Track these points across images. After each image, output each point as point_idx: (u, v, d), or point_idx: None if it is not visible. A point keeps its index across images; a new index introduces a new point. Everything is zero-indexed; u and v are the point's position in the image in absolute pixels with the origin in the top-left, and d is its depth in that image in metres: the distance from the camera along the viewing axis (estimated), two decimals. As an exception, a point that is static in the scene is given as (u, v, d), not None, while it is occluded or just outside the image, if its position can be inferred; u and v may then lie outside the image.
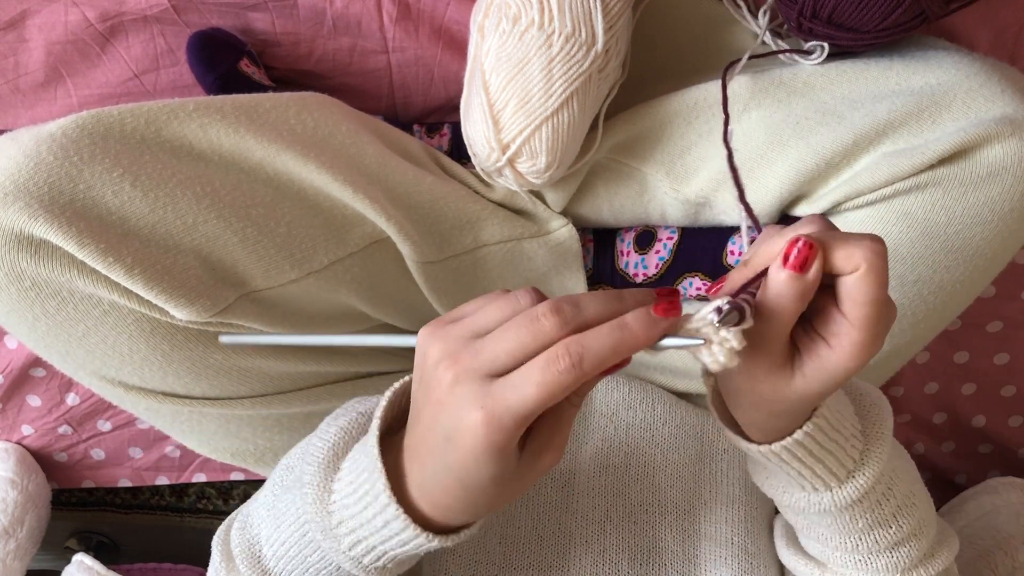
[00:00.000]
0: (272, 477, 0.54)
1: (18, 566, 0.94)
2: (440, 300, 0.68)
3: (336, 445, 0.49)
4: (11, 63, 0.75)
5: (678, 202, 0.69)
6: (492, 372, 0.39)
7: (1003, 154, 0.58)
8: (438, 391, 0.40)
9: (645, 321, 0.39)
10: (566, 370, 0.37)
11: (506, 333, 0.39)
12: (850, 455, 0.48)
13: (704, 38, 0.73)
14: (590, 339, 0.38)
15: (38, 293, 0.54)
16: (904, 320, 0.64)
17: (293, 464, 0.53)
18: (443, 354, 0.40)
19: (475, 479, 0.40)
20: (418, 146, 0.69)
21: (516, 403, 0.38)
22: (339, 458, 0.48)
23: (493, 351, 0.39)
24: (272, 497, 0.51)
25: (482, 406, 0.38)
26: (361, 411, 0.52)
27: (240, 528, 0.52)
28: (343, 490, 0.46)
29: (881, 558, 0.51)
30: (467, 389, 0.39)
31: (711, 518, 0.60)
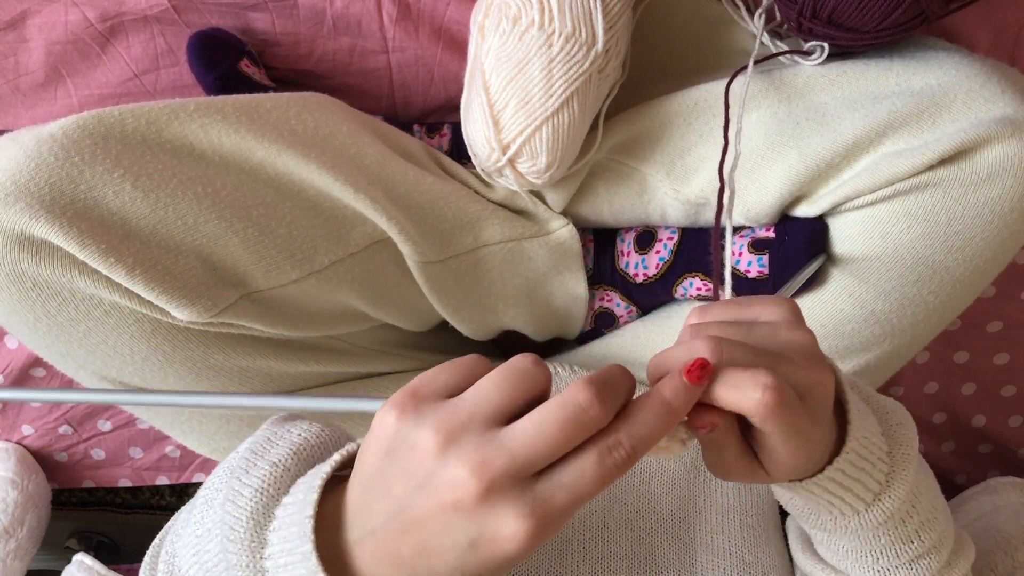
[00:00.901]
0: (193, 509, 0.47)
1: (18, 566, 0.94)
2: (440, 300, 0.68)
3: (255, 513, 0.42)
4: (11, 63, 0.75)
5: (678, 202, 0.69)
6: (533, 472, 0.35)
7: (1003, 155, 0.58)
8: (454, 495, 0.34)
9: (684, 396, 0.37)
10: (623, 462, 0.35)
11: (547, 427, 0.35)
12: (876, 480, 0.47)
13: (704, 38, 0.73)
14: (639, 427, 0.36)
15: (39, 294, 0.54)
16: (904, 321, 0.64)
17: (212, 498, 0.45)
18: (459, 453, 0.34)
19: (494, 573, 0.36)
20: (418, 146, 0.69)
21: (571, 504, 0.34)
22: (262, 527, 0.41)
23: (534, 449, 0.34)
24: (196, 541, 0.45)
25: (531, 514, 0.34)
26: (274, 461, 0.44)
27: (167, 572, 0.47)
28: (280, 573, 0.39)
29: (901, 571, 0.51)
30: (507, 497, 0.34)
31: (706, 527, 0.60)
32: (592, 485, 0.35)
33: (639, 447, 0.35)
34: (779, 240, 0.66)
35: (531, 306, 0.73)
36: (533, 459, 0.35)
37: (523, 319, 0.74)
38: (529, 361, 0.37)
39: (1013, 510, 0.87)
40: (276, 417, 0.49)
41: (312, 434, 0.46)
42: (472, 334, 0.75)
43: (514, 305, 0.73)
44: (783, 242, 0.66)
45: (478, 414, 0.35)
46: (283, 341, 0.64)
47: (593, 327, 0.78)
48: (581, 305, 0.74)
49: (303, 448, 0.45)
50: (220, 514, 0.43)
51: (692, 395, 0.38)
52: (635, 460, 0.35)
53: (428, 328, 0.76)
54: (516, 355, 0.37)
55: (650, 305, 0.76)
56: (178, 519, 0.50)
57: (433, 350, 0.79)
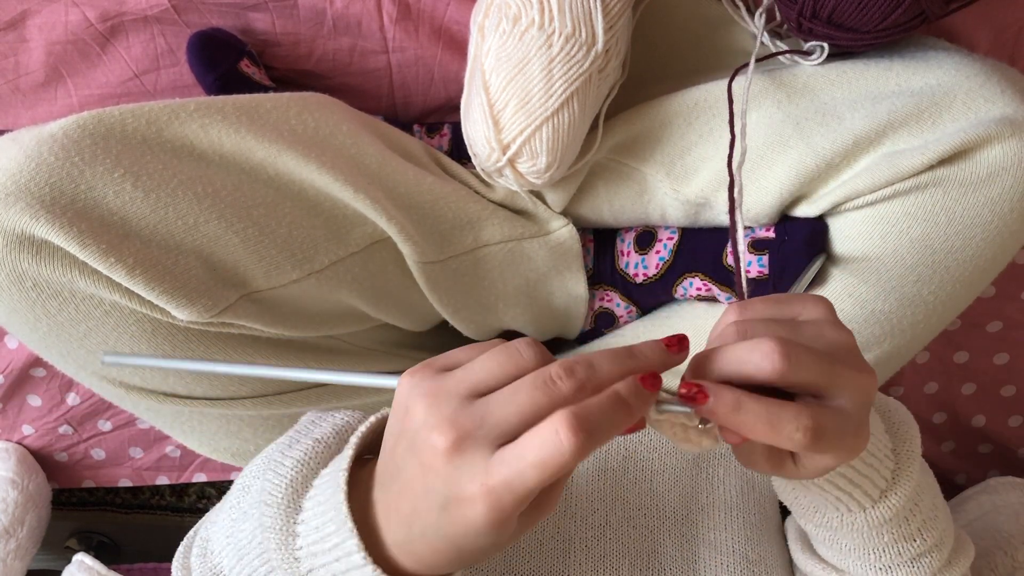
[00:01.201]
0: (228, 498, 0.49)
1: (18, 566, 0.94)
2: (441, 300, 0.68)
3: (294, 481, 0.44)
4: (11, 63, 0.75)
5: (678, 202, 0.69)
6: (499, 439, 0.36)
7: (1003, 154, 0.58)
8: (430, 455, 0.36)
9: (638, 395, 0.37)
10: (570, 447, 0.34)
11: (517, 396, 0.36)
12: (883, 476, 0.47)
13: (704, 38, 0.73)
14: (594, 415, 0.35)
15: (39, 294, 0.54)
16: (904, 321, 0.64)
17: (249, 484, 0.48)
18: (438, 415, 0.36)
19: (472, 545, 0.37)
20: (418, 146, 0.69)
21: (515, 482, 0.35)
22: (299, 495, 0.44)
23: (503, 416, 0.36)
24: (231, 523, 0.47)
25: (483, 482, 0.35)
26: (317, 437, 0.47)
27: (200, 555, 0.49)
28: (309, 536, 0.42)
29: (903, 569, 0.51)
30: (469, 459, 0.35)
31: (709, 524, 0.60)
32: (531, 468, 0.34)
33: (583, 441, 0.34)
34: (779, 240, 0.66)
35: (531, 306, 0.73)
36: (501, 425, 0.35)
37: (523, 319, 0.74)
38: (524, 343, 0.38)
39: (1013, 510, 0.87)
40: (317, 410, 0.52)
41: (354, 418, 0.49)
42: (472, 334, 0.75)
43: (514, 305, 0.73)
44: (783, 242, 0.66)
45: (462, 384, 0.37)
46: (283, 341, 0.64)
47: (593, 327, 0.78)
48: (581, 305, 0.74)
49: (345, 429, 0.48)
50: (260, 485, 0.46)
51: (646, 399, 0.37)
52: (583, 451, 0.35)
53: (428, 328, 0.76)
54: (519, 340, 0.38)
55: (650, 305, 0.76)
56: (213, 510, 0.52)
57: (433, 350, 0.78)
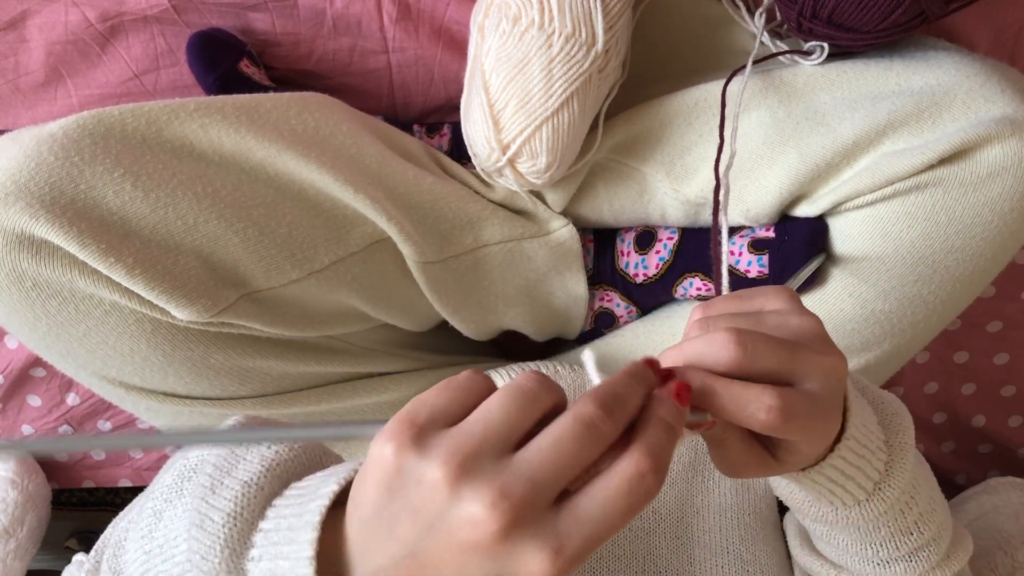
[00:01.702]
0: (138, 523, 0.44)
1: (18, 566, 0.94)
2: (440, 300, 0.68)
3: (230, 540, 0.38)
4: (11, 63, 0.75)
5: (678, 202, 0.69)
6: (553, 499, 0.32)
7: (1003, 154, 0.58)
8: (472, 533, 0.31)
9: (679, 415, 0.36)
10: (655, 486, 0.32)
11: (563, 446, 0.32)
12: (876, 468, 0.47)
13: (704, 38, 0.73)
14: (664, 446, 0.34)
15: (39, 293, 0.54)
16: (904, 320, 0.64)
17: (162, 511, 0.43)
18: (473, 487, 0.31)
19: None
20: (418, 146, 0.69)
21: (599, 535, 0.32)
22: (239, 556, 0.38)
23: (555, 473, 0.32)
24: (145, 557, 0.43)
25: (556, 549, 0.31)
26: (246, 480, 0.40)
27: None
28: None
29: (901, 563, 0.51)
30: (529, 532, 0.31)
31: (704, 526, 0.60)
32: (620, 517, 0.32)
33: (663, 477, 0.33)
34: (779, 240, 0.66)
35: (531, 306, 0.73)
36: (553, 482, 0.32)
37: (523, 319, 0.74)
38: (534, 379, 0.34)
39: (1013, 510, 0.87)
40: (236, 423, 0.45)
41: (284, 448, 0.42)
42: (472, 334, 0.75)
43: (514, 305, 0.73)
44: (783, 242, 0.66)
45: (488, 441, 0.32)
46: (283, 341, 0.64)
47: (593, 327, 0.78)
48: (581, 305, 0.74)
49: (276, 464, 0.41)
50: (186, 541, 0.40)
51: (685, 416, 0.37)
52: (658, 490, 0.33)
53: (428, 328, 0.76)
54: (520, 375, 0.35)
55: (650, 305, 0.76)
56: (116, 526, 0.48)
57: (433, 350, 0.79)
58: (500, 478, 0.31)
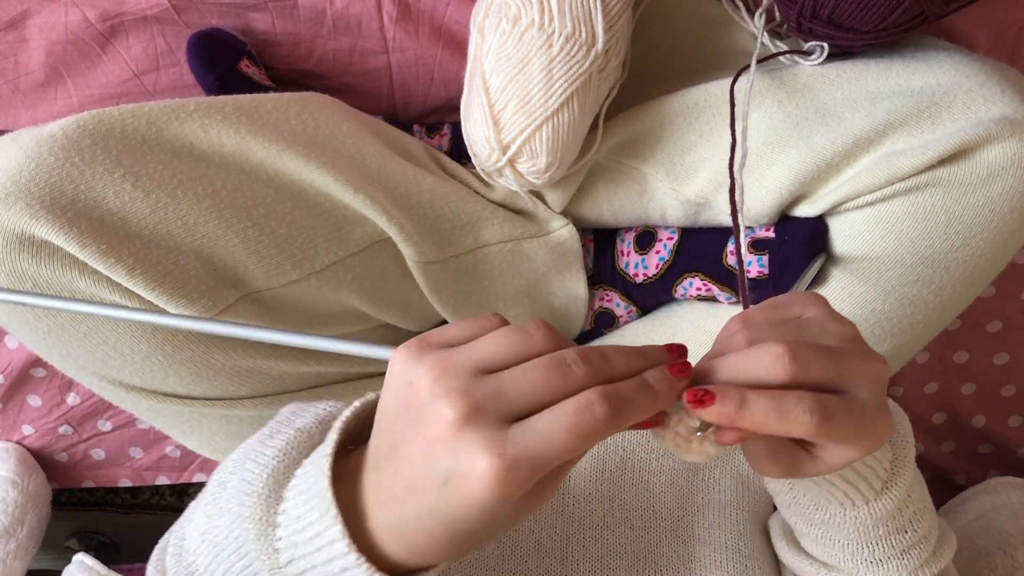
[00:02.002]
0: (205, 495, 0.48)
1: (18, 566, 0.94)
2: (441, 300, 0.68)
3: (275, 471, 0.43)
4: (11, 63, 0.75)
5: (678, 202, 0.69)
6: (511, 416, 0.35)
7: (1003, 154, 0.58)
8: (437, 427, 0.35)
9: (665, 382, 0.38)
10: (603, 418, 0.35)
11: (532, 374, 0.36)
12: (884, 468, 0.47)
13: (704, 38, 0.73)
14: (625, 390, 0.36)
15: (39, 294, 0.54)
16: (904, 321, 0.64)
17: (225, 480, 0.47)
18: (447, 386, 0.35)
19: (468, 527, 0.36)
20: (418, 146, 0.69)
21: (540, 451, 0.34)
22: (281, 485, 0.42)
23: (517, 391, 0.35)
24: (206, 520, 0.46)
25: (499, 453, 0.34)
26: (299, 427, 0.45)
27: (175, 554, 0.47)
28: (291, 526, 0.40)
29: (893, 561, 0.51)
30: (480, 432, 0.34)
31: (704, 523, 0.60)
32: (567, 436, 0.34)
33: (615, 415, 0.35)
34: (779, 240, 0.66)
35: (531, 306, 0.73)
36: (515, 400, 0.35)
37: (523, 319, 0.74)
38: (535, 325, 0.37)
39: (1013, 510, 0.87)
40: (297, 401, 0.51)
41: (336, 407, 0.47)
42: (472, 334, 0.74)
43: (514, 305, 0.73)
44: (783, 242, 0.66)
45: (472, 359, 0.36)
46: (283, 341, 0.64)
47: (593, 327, 0.78)
48: (581, 305, 0.74)
49: (328, 419, 0.46)
50: (240, 476, 0.44)
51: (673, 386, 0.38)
52: (614, 427, 0.35)
53: (428, 328, 0.76)
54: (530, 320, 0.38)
55: (650, 305, 0.76)
56: (188, 509, 0.51)
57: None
58: (469, 385, 0.35)
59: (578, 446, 0.35)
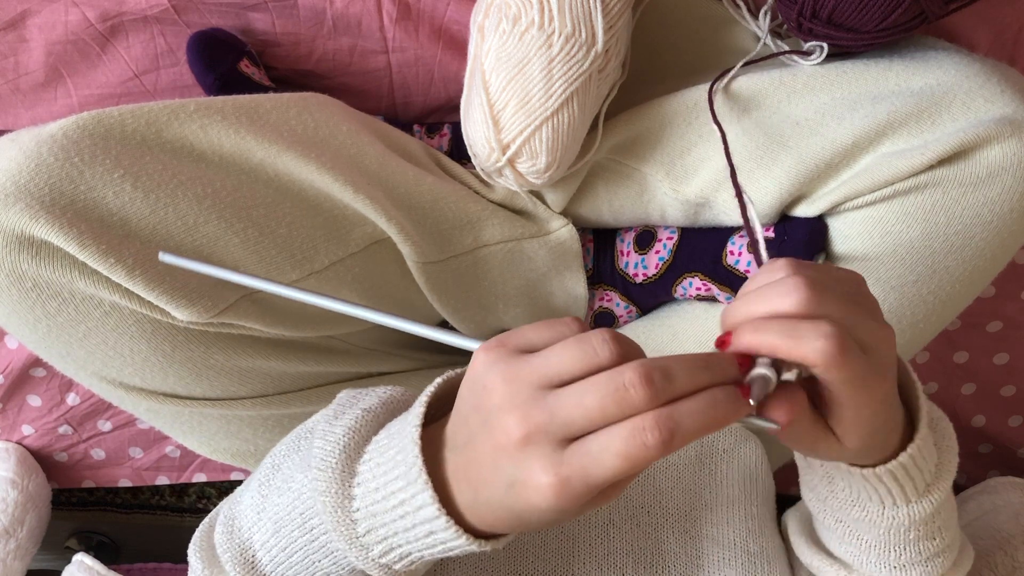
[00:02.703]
0: (256, 477, 0.50)
1: (18, 566, 0.94)
2: (440, 300, 0.68)
3: (347, 447, 0.45)
4: (11, 63, 0.75)
5: (678, 202, 0.69)
6: (568, 436, 0.37)
7: (1003, 155, 0.58)
8: (502, 438, 0.37)
9: (735, 404, 0.37)
10: (655, 446, 0.35)
11: (587, 397, 0.36)
12: (930, 469, 0.47)
13: (704, 38, 0.73)
14: (683, 415, 0.36)
15: (39, 294, 0.54)
16: (904, 320, 0.64)
17: (279, 463, 0.49)
18: (511, 401, 0.37)
19: (533, 521, 0.39)
20: (418, 146, 0.69)
21: (593, 473, 0.36)
22: (353, 460, 0.45)
23: (571, 415, 0.36)
24: (260, 498, 0.48)
25: (555, 473, 0.36)
26: (365, 408, 0.48)
27: (226, 533, 0.49)
28: (368, 497, 0.43)
29: (917, 568, 0.51)
30: (539, 451, 0.37)
31: (712, 519, 0.60)
32: (618, 460, 0.35)
33: (678, 435, 0.35)
34: (779, 240, 0.66)
35: (531, 306, 0.73)
36: (568, 423, 0.36)
37: (523, 319, 0.74)
38: (601, 337, 0.38)
39: (1013, 510, 0.87)
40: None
41: (398, 391, 0.50)
42: (472, 334, 0.74)
43: (514, 305, 0.73)
44: (783, 242, 0.66)
45: (537, 373, 0.38)
46: (283, 341, 0.64)
47: (593, 327, 0.78)
48: (581, 305, 0.74)
49: (391, 401, 0.49)
50: (304, 458, 0.47)
51: (743, 406, 0.38)
52: (669, 448, 0.35)
53: (428, 328, 0.76)
54: (597, 330, 0.39)
55: (650, 305, 0.76)
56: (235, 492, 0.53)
57: (433, 350, 0.79)
58: (530, 404, 0.37)
59: (630, 469, 0.36)
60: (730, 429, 0.70)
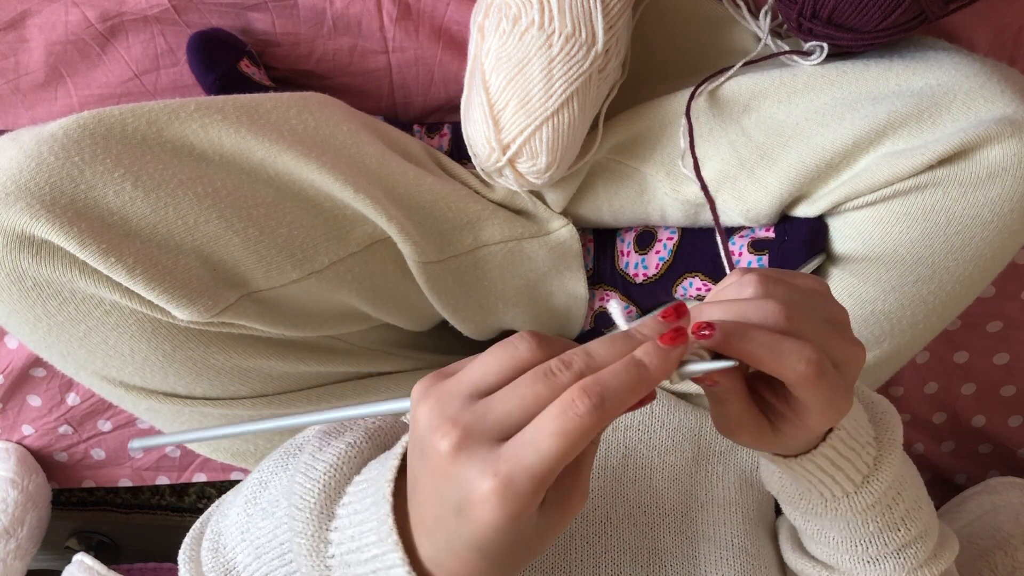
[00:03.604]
0: (244, 490, 0.49)
1: (18, 566, 0.94)
2: (440, 300, 0.68)
3: (327, 487, 0.43)
4: (11, 63, 0.75)
5: (678, 203, 0.69)
6: (503, 434, 0.35)
7: (1003, 155, 0.58)
8: (436, 460, 0.35)
9: (660, 354, 0.36)
10: (587, 412, 0.34)
11: (518, 389, 0.35)
12: (865, 461, 0.48)
13: (704, 38, 0.73)
14: (607, 377, 0.35)
15: (39, 293, 0.54)
16: (904, 321, 0.64)
17: (267, 479, 0.48)
18: (438, 417, 0.35)
19: (496, 548, 0.36)
20: (418, 146, 0.69)
21: (534, 463, 0.34)
22: (332, 501, 0.43)
23: (504, 410, 0.35)
24: (246, 519, 0.47)
25: (494, 473, 0.34)
26: (350, 442, 0.46)
27: (211, 550, 0.49)
28: (345, 544, 0.41)
29: (889, 560, 0.52)
30: (475, 457, 0.34)
31: (708, 519, 0.60)
32: (555, 439, 0.34)
33: (608, 397, 0.34)
34: (779, 240, 0.66)
35: (531, 306, 0.73)
36: (502, 419, 0.35)
37: (523, 319, 0.74)
38: (520, 337, 0.37)
39: (1013, 510, 0.87)
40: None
41: (386, 421, 0.49)
42: (472, 334, 0.75)
43: (514, 305, 0.73)
44: (783, 242, 0.66)
45: (461, 384, 0.36)
46: (283, 341, 0.64)
47: (593, 327, 0.78)
48: (581, 305, 0.74)
49: (377, 433, 0.47)
50: (287, 485, 0.45)
51: (666, 353, 0.36)
52: (602, 417, 0.34)
53: (428, 328, 0.76)
54: (518, 333, 0.38)
55: (650, 305, 0.76)
56: (223, 501, 0.52)
57: (433, 350, 0.79)
58: (457, 412, 0.35)
59: (569, 447, 0.34)
60: None
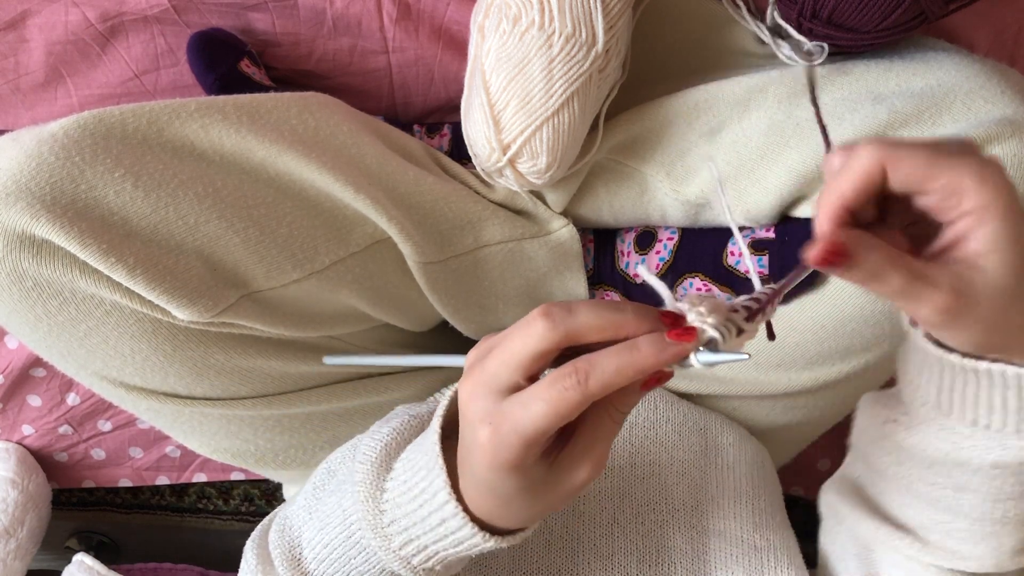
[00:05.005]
0: (312, 480, 0.54)
1: (19, 566, 0.94)
2: (441, 300, 0.68)
3: (389, 446, 0.49)
4: (11, 63, 0.75)
5: (678, 203, 0.69)
6: (501, 387, 0.39)
7: (1003, 155, 0.58)
8: (462, 405, 0.41)
9: (657, 345, 0.38)
10: (571, 387, 0.37)
11: (504, 342, 0.39)
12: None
13: (704, 38, 0.73)
14: (598, 358, 0.38)
15: (40, 293, 0.54)
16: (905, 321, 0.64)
17: (335, 468, 0.53)
18: (466, 369, 0.41)
19: (500, 490, 0.41)
20: (419, 146, 0.69)
21: (522, 421, 0.38)
22: (392, 458, 0.48)
23: (494, 363, 0.39)
24: (313, 499, 0.52)
25: (489, 423, 0.39)
26: (413, 414, 0.52)
27: (279, 531, 0.53)
28: (396, 488, 0.46)
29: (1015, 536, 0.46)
30: (479, 405, 0.40)
31: (719, 514, 0.60)
32: (543, 405, 0.37)
33: (593, 376, 0.37)
34: (779, 240, 0.66)
35: (531, 306, 0.73)
36: (495, 372, 0.39)
37: (523, 319, 0.75)
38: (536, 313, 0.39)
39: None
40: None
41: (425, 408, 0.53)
42: (472, 334, 0.75)
43: (514, 305, 0.73)
44: (783, 242, 0.66)
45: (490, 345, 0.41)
46: (283, 341, 0.64)
47: (593, 327, 0.78)
48: (581, 305, 0.75)
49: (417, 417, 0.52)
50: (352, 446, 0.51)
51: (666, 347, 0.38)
52: (587, 389, 0.37)
53: (428, 328, 0.76)
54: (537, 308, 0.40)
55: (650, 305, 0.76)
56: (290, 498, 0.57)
57: (433, 350, 0.79)
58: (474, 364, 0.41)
59: (553, 415, 0.37)
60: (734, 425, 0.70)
